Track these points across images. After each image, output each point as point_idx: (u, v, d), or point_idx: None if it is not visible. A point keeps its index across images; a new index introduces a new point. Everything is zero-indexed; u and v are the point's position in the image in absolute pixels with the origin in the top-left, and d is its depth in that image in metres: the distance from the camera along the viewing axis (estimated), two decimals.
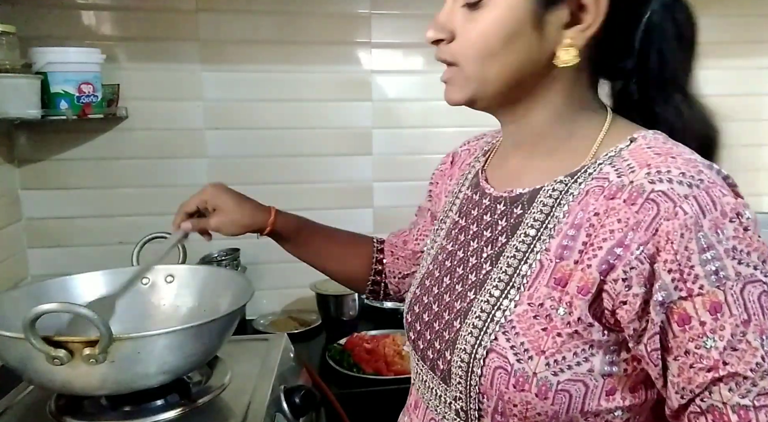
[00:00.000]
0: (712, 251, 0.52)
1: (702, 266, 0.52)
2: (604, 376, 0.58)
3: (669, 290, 0.53)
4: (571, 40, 0.60)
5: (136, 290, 1.12)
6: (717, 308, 0.52)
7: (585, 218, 0.59)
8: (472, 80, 0.63)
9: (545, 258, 0.61)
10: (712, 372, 0.53)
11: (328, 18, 1.67)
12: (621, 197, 0.57)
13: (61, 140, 1.59)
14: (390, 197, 1.78)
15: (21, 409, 0.98)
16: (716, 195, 0.54)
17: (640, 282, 0.54)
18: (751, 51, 1.86)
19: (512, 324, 0.60)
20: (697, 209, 0.53)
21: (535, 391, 0.58)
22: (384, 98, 1.74)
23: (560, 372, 0.58)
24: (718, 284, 0.52)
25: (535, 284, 0.61)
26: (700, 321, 0.53)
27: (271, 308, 1.76)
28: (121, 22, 1.58)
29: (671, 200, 0.54)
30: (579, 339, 0.57)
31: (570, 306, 0.58)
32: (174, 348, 0.85)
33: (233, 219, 0.94)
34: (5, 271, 1.49)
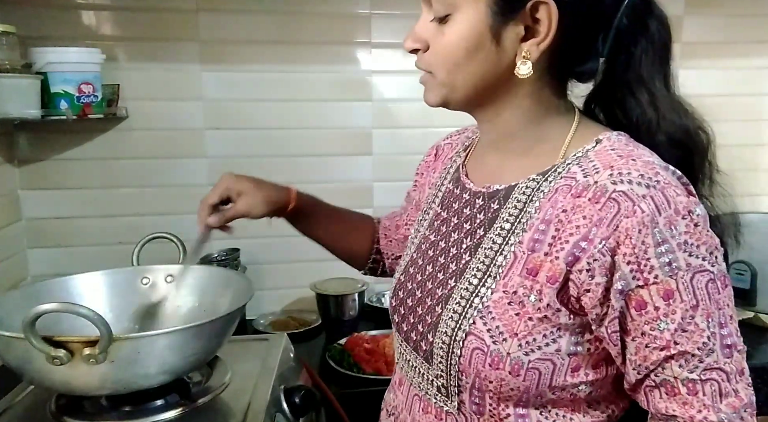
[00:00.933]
0: (666, 245, 0.59)
1: (657, 258, 0.59)
2: (570, 355, 0.65)
3: (627, 279, 0.60)
4: (527, 53, 0.65)
5: (136, 290, 1.13)
6: (669, 295, 0.59)
7: (554, 214, 0.65)
8: (443, 86, 0.70)
9: (518, 250, 0.67)
10: (664, 351, 0.61)
11: (328, 18, 1.67)
12: (586, 195, 0.63)
13: (61, 140, 1.59)
14: (390, 197, 1.78)
15: (21, 409, 0.98)
16: (670, 195, 0.60)
17: (602, 272, 0.61)
18: (751, 51, 1.86)
19: (489, 309, 0.67)
20: (653, 207, 0.59)
21: (508, 369, 0.65)
22: (384, 98, 1.74)
23: (531, 352, 0.65)
24: (670, 273, 0.59)
25: (510, 273, 0.67)
26: (654, 306, 0.60)
27: (271, 308, 1.76)
28: (121, 22, 1.58)
29: (630, 200, 0.60)
30: (548, 322, 0.64)
31: (540, 294, 0.64)
32: (174, 348, 0.85)
33: (259, 199, 0.96)
34: (5, 271, 1.49)
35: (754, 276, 1.62)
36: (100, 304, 1.07)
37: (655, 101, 0.68)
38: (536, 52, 0.65)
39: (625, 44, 0.68)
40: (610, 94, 0.71)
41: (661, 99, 0.68)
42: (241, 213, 0.96)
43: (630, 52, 0.68)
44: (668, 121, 0.68)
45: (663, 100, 0.69)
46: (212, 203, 0.95)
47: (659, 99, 0.68)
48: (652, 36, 0.69)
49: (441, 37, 0.68)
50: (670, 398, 0.62)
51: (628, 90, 0.69)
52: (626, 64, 0.69)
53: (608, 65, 0.69)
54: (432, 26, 0.69)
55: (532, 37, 0.65)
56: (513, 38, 0.65)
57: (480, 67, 0.67)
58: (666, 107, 0.68)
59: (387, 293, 1.79)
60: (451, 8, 0.66)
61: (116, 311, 1.08)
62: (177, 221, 1.63)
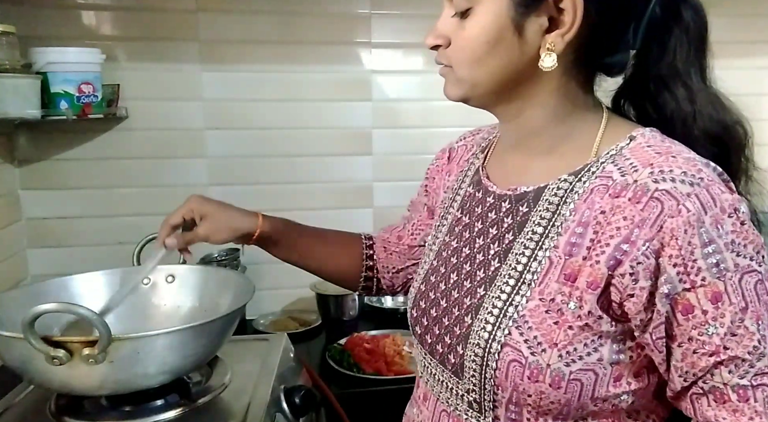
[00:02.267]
0: (713, 245, 0.56)
1: (704, 259, 0.56)
2: (612, 364, 0.62)
3: (674, 282, 0.57)
4: (551, 44, 0.62)
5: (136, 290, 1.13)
6: (718, 297, 0.57)
7: (591, 216, 0.62)
8: (464, 82, 0.67)
9: (554, 255, 0.64)
10: (714, 356, 0.58)
11: (328, 18, 1.67)
12: (626, 195, 0.60)
13: (61, 140, 1.59)
14: (390, 197, 1.78)
15: (21, 409, 0.98)
16: (715, 192, 0.58)
17: (647, 276, 0.58)
18: (751, 51, 1.86)
19: (525, 318, 0.63)
20: (699, 206, 0.57)
21: (549, 381, 0.61)
22: (384, 98, 1.74)
23: (572, 362, 0.61)
24: (718, 275, 0.56)
25: (546, 280, 0.63)
26: (702, 310, 0.57)
27: (271, 308, 1.76)
28: (121, 22, 1.58)
29: (674, 199, 0.57)
30: (589, 330, 0.61)
31: (580, 301, 0.61)
32: (174, 348, 0.85)
33: (222, 224, 0.93)
34: (5, 271, 1.49)
35: None
36: (100, 304, 1.07)
37: (692, 95, 0.65)
38: (561, 44, 0.62)
39: (658, 35, 0.65)
40: (641, 88, 0.68)
41: (697, 93, 0.65)
42: (200, 237, 0.93)
43: (663, 43, 0.65)
44: (705, 116, 0.65)
45: (700, 94, 0.65)
46: (173, 224, 0.93)
47: (696, 93, 0.65)
48: (686, 26, 0.66)
49: (462, 32, 0.65)
50: (719, 405, 0.59)
51: (662, 84, 0.66)
52: (659, 56, 0.66)
53: (639, 58, 0.67)
54: (453, 22, 0.66)
55: (556, 28, 0.62)
56: (536, 30, 0.62)
57: (502, 62, 0.64)
58: (703, 101, 0.65)
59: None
60: (472, 2, 0.63)
61: (116, 311, 1.08)
62: None
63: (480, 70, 0.65)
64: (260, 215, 0.97)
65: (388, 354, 1.43)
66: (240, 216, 0.95)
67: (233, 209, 0.96)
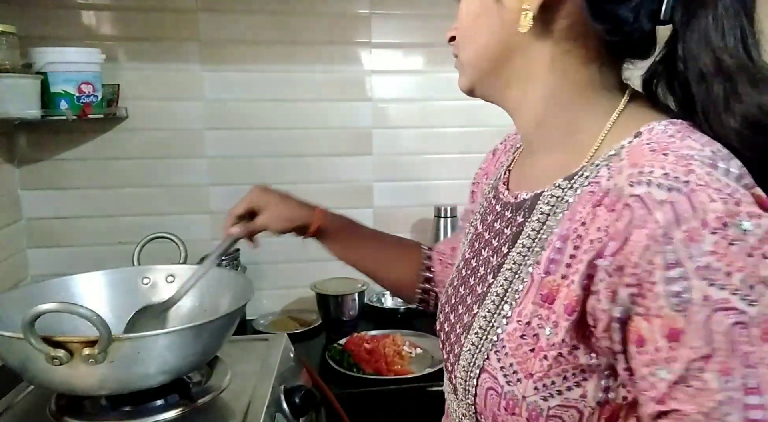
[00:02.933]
0: (679, 269, 0.45)
1: (665, 284, 0.45)
2: (600, 403, 0.53)
3: (626, 305, 0.48)
4: (528, 4, 0.56)
5: (136, 290, 1.13)
6: (675, 335, 0.45)
7: (572, 229, 0.54)
8: (464, 66, 0.65)
9: (535, 272, 0.56)
10: (659, 404, 0.47)
11: (328, 18, 1.67)
12: (605, 202, 0.51)
13: (61, 140, 1.59)
14: (390, 197, 1.78)
15: (21, 409, 0.98)
16: (700, 201, 0.46)
17: (608, 297, 0.49)
18: None
19: (503, 342, 0.57)
20: (671, 217, 0.46)
21: (526, 415, 0.54)
22: (384, 98, 1.74)
23: (550, 397, 0.53)
24: (678, 307, 0.45)
25: (525, 301, 0.56)
26: (655, 346, 0.47)
27: (271, 308, 1.76)
28: (121, 22, 1.58)
29: (645, 206, 0.47)
30: (565, 362, 0.52)
31: (556, 326, 0.53)
32: (174, 348, 0.85)
33: (279, 214, 0.94)
34: (5, 271, 1.49)
35: None
36: (100, 304, 1.07)
37: (728, 72, 0.52)
38: (535, 2, 0.55)
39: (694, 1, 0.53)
40: (670, 65, 0.57)
41: (734, 68, 0.52)
42: (259, 227, 0.95)
43: (701, 11, 0.53)
44: (742, 97, 0.52)
45: (738, 71, 0.52)
46: (237, 214, 0.95)
47: (732, 68, 0.52)
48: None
49: (458, 18, 0.64)
50: None
51: (691, 58, 0.54)
52: (686, 24, 0.54)
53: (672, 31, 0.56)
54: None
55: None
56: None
57: (486, 34, 0.60)
58: (742, 79, 0.52)
59: (387, 293, 1.79)
60: None
61: (116, 311, 1.08)
62: (177, 221, 1.64)
63: (471, 49, 0.63)
64: (320, 209, 0.97)
65: (388, 354, 1.43)
66: (299, 208, 0.96)
67: (293, 201, 0.97)
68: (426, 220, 1.76)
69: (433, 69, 1.73)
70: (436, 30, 1.68)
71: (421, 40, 1.72)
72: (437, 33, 1.68)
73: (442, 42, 0.69)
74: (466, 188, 1.35)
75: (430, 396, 1.29)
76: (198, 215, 1.68)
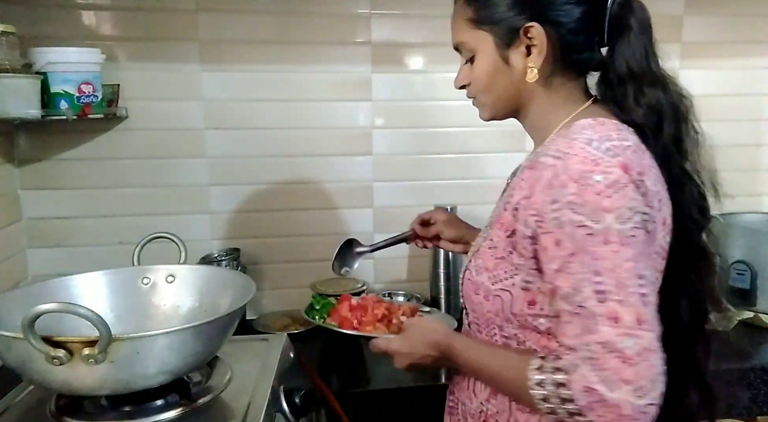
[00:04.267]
0: (557, 204, 0.74)
1: (551, 213, 0.75)
2: (523, 289, 0.82)
3: (533, 227, 0.78)
4: (532, 63, 0.85)
5: (136, 290, 1.13)
6: (558, 243, 0.75)
7: (517, 182, 0.84)
8: (486, 105, 0.93)
9: (501, 210, 0.86)
10: (551, 285, 0.77)
11: (328, 18, 1.67)
12: (530, 166, 0.81)
13: (61, 140, 1.59)
14: (390, 197, 1.78)
15: (21, 409, 0.98)
16: (570, 164, 0.75)
17: (524, 222, 0.79)
18: (751, 51, 1.86)
19: (479, 253, 0.89)
20: (552, 173, 0.76)
21: (482, 295, 0.87)
22: (384, 98, 1.74)
23: (496, 282, 0.85)
24: (557, 225, 0.74)
25: (495, 227, 0.86)
26: (548, 250, 0.76)
27: (271, 308, 1.76)
28: (121, 22, 1.58)
29: (544, 167, 0.77)
30: (506, 262, 0.83)
31: (502, 240, 0.84)
32: (174, 348, 0.85)
33: (452, 225, 1.19)
34: (5, 271, 1.49)
35: (754, 276, 1.61)
36: (100, 304, 1.07)
37: (635, 76, 0.84)
38: (539, 60, 0.85)
39: (617, 32, 0.85)
40: (607, 77, 0.87)
41: (639, 74, 0.84)
42: (436, 231, 1.20)
43: (621, 38, 0.84)
44: (645, 93, 0.83)
45: (642, 75, 0.84)
46: (424, 218, 1.22)
47: (638, 74, 0.83)
48: (629, 26, 0.84)
49: (473, 73, 0.90)
50: (559, 325, 0.76)
51: (614, 69, 0.85)
52: (613, 46, 0.85)
53: (609, 52, 0.86)
54: (466, 67, 0.92)
55: (533, 51, 0.85)
56: (519, 57, 0.86)
57: (502, 85, 0.89)
58: (645, 81, 0.84)
59: (387, 292, 1.79)
60: (472, 52, 0.89)
61: (116, 311, 1.08)
62: (177, 221, 1.64)
63: (491, 95, 0.91)
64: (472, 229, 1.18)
65: (370, 314, 1.21)
66: (467, 226, 1.20)
67: (456, 222, 1.21)
68: None
69: (433, 69, 1.73)
70: (436, 30, 1.68)
71: (421, 40, 1.72)
72: (437, 33, 1.69)
73: (442, 42, 0.75)
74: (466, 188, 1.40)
75: (431, 395, 1.29)
76: (198, 215, 1.68)
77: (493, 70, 0.88)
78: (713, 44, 1.83)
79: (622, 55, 0.84)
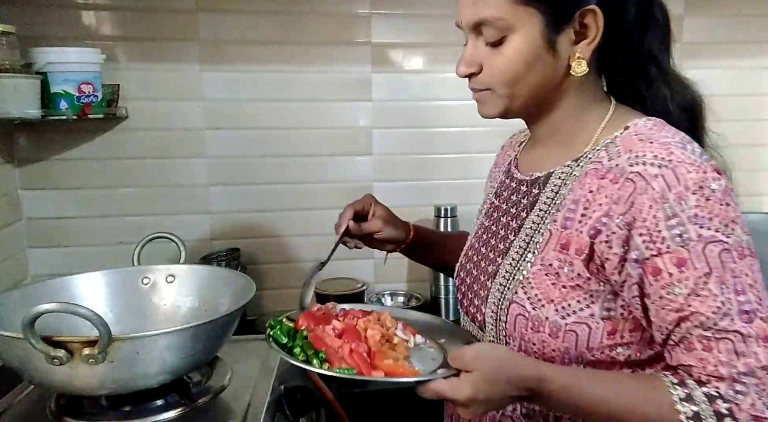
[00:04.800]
0: (676, 219, 0.66)
1: (668, 230, 0.66)
2: (604, 319, 0.73)
3: (641, 249, 0.68)
4: (581, 53, 0.74)
5: (136, 290, 1.13)
6: (682, 263, 0.66)
7: (582, 195, 0.74)
8: (504, 99, 0.78)
9: (553, 228, 0.76)
10: (679, 312, 0.67)
11: (328, 18, 1.67)
12: (608, 177, 0.72)
13: (61, 140, 1.59)
14: (390, 197, 1.76)
15: (21, 409, 0.98)
16: (681, 173, 0.67)
17: (619, 244, 0.69)
18: (751, 51, 1.86)
19: (528, 280, 0.77)
20: (663, 185, 0.67)
21: (548, 332, 0.74)
22: (384, 98, 1.73)
23: (567, 316, 0.73)
24: (682, 244, 0.66)
25: (546, 248, 0.76)
26: (668, 273, 0.67)
27: (271, 308, 1.76)
28: (121, 22, 1.58)
29: (644, 179, 0.68)
30: (580, 290, 0.73)
31: (571, 265, 0.73)
32: (174, 348, 0.85)
33: (390, 222, 1.03)
34: (5, 271, 1.49)
35: None
36: (100, 304, 1.07)
37: (667, 78, 0.79)
38: (588, 52, 0.75)
39: (638, 30, 0.78)
40: (631, 77, 0.80)
41: (671, 75, 0.80)
42: (373, 227, 1.02)
43: (642, 37, 0.78)
44: (678, 94, 0.79)
45: (672, 76, 0.80)
46: (355, 208, 1.02)
47: (669, 75, 0.80)
48: (657, 19, 0.78)
49: (498, 57, 0.75)
50: (688, 353, 0.68)
51: (645, 70, 0.80)
52: (640, 48, 0.79)
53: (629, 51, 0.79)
54: (484, 50, 0.76)
55: (583, 39, 0.74)
56: (566, 44, 0.75)
57: (539, 76, 0.76)
58: (674, 82, 0.80)
59: (387, 293, 1.79)
60: (506, 31, 0.74)
61: (116, 311, 1.08)
62: (177, 221, 1.64)
63: (520, 86, 0.76)
64: (412, 224, 1.07)
65: (371, 339, 0.82)
66: (401, 221, 1.06)
67: (394, 216, 1.06)
68: (426, 220, 1.76)
69: (433, 69, 1.73)
70: (436, 30, 1.68)
71: (421, 40, 1.72)
72: (437, 33, 1.69)
73: (442, 42, 0.73)
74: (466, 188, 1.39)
75: None
76: (198, 215, 1.68)
77: (533, 57, 0.74)
78: (713, 44, 1.83)
79: (654, 55, 0.79)
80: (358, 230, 1.00)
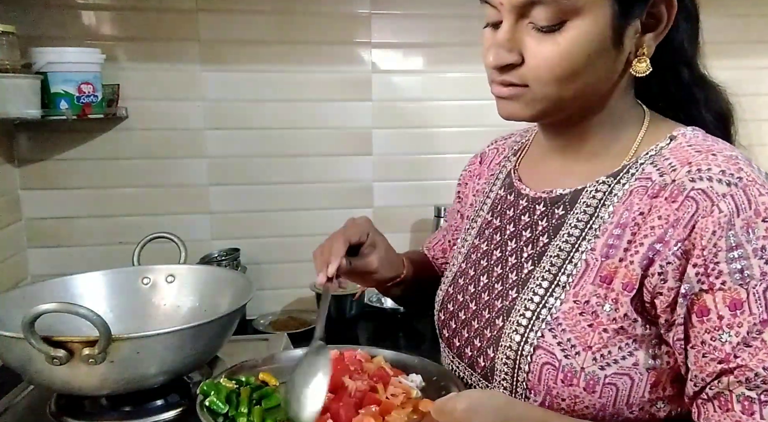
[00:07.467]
0: (739, 250, 0.54)
1: (728, 263, 0.54)
2: (649, 369, 0.60)
3: (692, 283, 0.56)
4: (647, 48, 0.62)
5: (136, 290, 1.13)
6: (737, 304, 0.54)
7: (630, 218, 0.61)
8: (543, 101, 0.63)
9: (591, 257, 0.63)
10: (723, 363, 0.55)
11: (328, 18, 1.67)
12: (663, 195, 0.59)
13: (61, 140, 1.59)
14: (390, 197, 1.78)
15: (21, 409, 0.98)
16: (753, 194, 0.56)
17: (675, 277, 0.57)
18: (751, 51, 1.86)
19: (558, 321, 0.62)
20: (732, 207, 0.55)
21: (583, 385, 0.60)
22: (384, 98, 1.73)
23: (607, 366, 0.60)
24: (741, 282, 0.54)
25: (581, 282, 0.63)
26: (718, 315, 0.55)
27: (271, 308, 1.76)
28: (121, 22, 1.58)
29: (709, 198, 0.56)
30: (624, 334, 0.60)
31: (616, 302, 0.60)
32: (174, 348, 0.85)
33: (390, 259, 0.85)
34: (5, 271, 1.49)
35: None
36: (100, 304, 1.07)
37: (701, 82, 0.70)
38: (653, 47, 0.63)
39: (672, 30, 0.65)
40: (662, 78, 0.68)
41: (704, 79, 0.70)
42: (369, 267, 0.82)
43: (672, 37, 0.65)
44: (713, 98, 0.70)
45: (704, 80, 0.71)
46: (352, 241, 0.80)
47: (702, 79, 0.70)
48: (688, 8, 0.68)
49: (551, 47, 0.59)
50: (723, 413, 0.56)
51: (678, 74, 0.69)
52: (673, 49, 0.67)
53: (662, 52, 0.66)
54: (530, 36, 0.60)
55: (649, 32, 0.62)
56: (632, 36, 0.61)
57: (596, 75, 0.62)
58: (708, 86, 0.71)
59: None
60: (569, 14, 0.58)
61: (116, 311, 1.08)
62: (177, 221, 1.64)
63: (570, 86, 0.61)
64: (404, 256, 0.90)
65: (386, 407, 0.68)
66: (396, 255, 0.87)
67: (391, 248, 0.87)
68: (426, 220, 1.76)
69: (433, 69, 1.73)
70: (436, 30, 1.68)
71: (421, 40, 1.72)
72: (437, 33, 1.69)
73: (442, 42, 0.69)
74: None
75: None
76: (198, 215, 1.68)
77: (598, 49, 0.59)
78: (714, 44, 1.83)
79: (685, 52, 0.69)
80: (347, 269, 0.80)
